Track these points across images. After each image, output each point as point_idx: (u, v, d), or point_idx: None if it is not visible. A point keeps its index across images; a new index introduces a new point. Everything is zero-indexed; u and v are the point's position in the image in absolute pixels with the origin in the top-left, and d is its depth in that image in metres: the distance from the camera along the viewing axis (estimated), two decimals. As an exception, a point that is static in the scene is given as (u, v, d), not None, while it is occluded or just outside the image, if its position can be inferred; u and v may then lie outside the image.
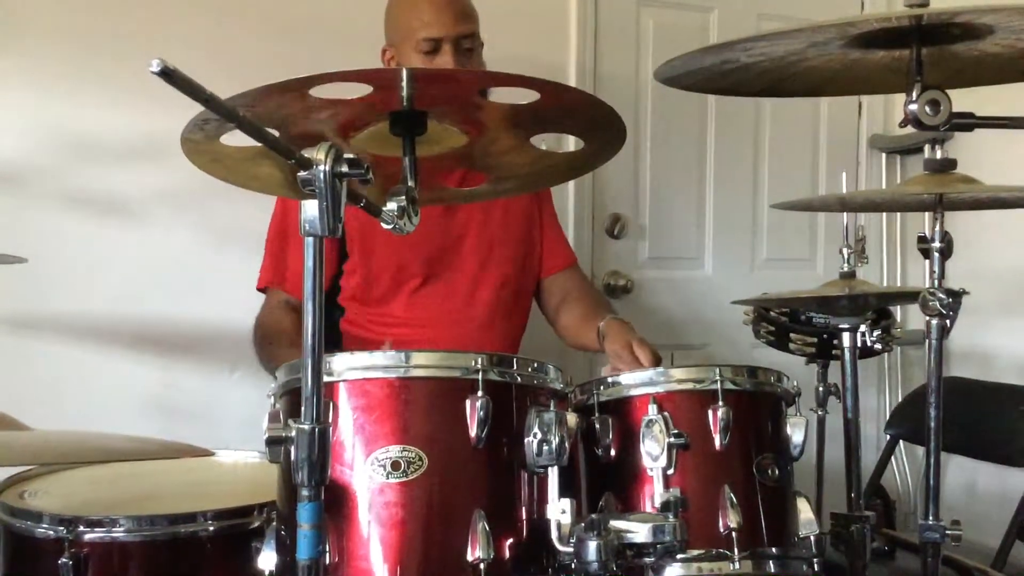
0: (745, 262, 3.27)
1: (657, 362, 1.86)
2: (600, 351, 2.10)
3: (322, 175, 1.01)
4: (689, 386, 1.56)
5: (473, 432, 1.30)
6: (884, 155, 3.43)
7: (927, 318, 1.53)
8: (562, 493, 1.33)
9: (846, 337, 1.85)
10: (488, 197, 2.04)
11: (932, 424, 1.55)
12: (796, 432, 1.59)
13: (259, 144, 0.99)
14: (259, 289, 2.22)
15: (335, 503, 1.27)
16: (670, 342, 2.33)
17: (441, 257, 2.19)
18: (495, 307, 2.22)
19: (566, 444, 1.34)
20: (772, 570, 1.51)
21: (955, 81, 1.38)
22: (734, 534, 1.46)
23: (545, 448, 1.33)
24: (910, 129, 1.35)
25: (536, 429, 1.33)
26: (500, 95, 1.31)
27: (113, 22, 2.44)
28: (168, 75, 0.79)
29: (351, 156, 1.04)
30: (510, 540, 1.31)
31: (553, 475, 1.33)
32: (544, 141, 1.47)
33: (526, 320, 2.34)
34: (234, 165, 1.37)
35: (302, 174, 1.02)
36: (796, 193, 2.09)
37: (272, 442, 1.11)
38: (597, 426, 1.55)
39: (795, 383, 1.65)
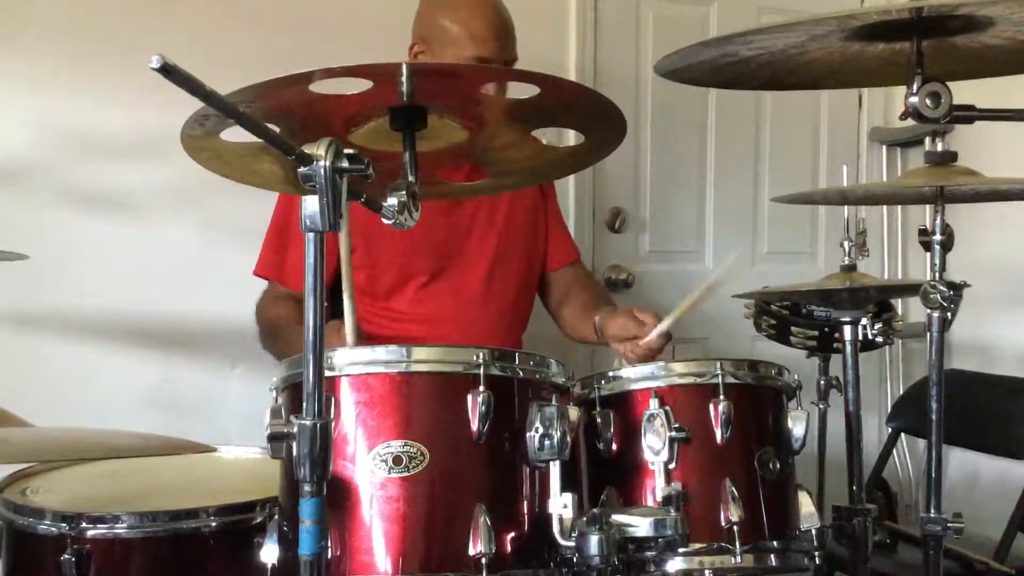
0: (746, 255, 3.27)
1: (656, 318, 1.88)
2: (600, 343, 2.11)
3: (322, 171, 1.02)
4: (690, 380, 1.56)
5: (475, 427, 1.30)
6: (885, 148, 3.43)
7: (928, 311, 1.53)
8: (564, 487, 1.33)
9: (847, 330, 1.85)
10: (489, 192, 2.04)
11: (933, 417, 1.55)
12: (797, 425, 1.59)
13: (259, 140, 0.99)
14: (255, 273, 2.22)
15: (337, 498, 1.27)
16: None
17: (447, 253, 2.19)
18: (501, 302, 2.23)
19: (567, 438, 1.34)
20: (774, 563, 1.52)
21: (956, 73, 1.38)
22: (735, 528, 1.47)
23: (547, 442, 1.33)
24: (911, 122, 1.35)
25: (538, 423, 1.33)
26: (500, 90, 1.31)
27: (113, 19, 2.44)
28: (168, 71, 0.79)
29: (351, 152, 1.04)
30: (512, 534, 1.31)
31: (555, 469, 1.33)
32: (544, 135, 1.47)
33: (529, 314, 2.34)
34: (234, 161, 1.37)
35: (302, 170, 1.02)
36: (797, 186, 2.10)
37: (274, 438, 1.11)
38: (598, 420, 1.55)
39: (796, 376, 1.65)
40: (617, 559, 1.29)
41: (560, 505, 1.32)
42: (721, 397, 1.52)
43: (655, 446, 1.49)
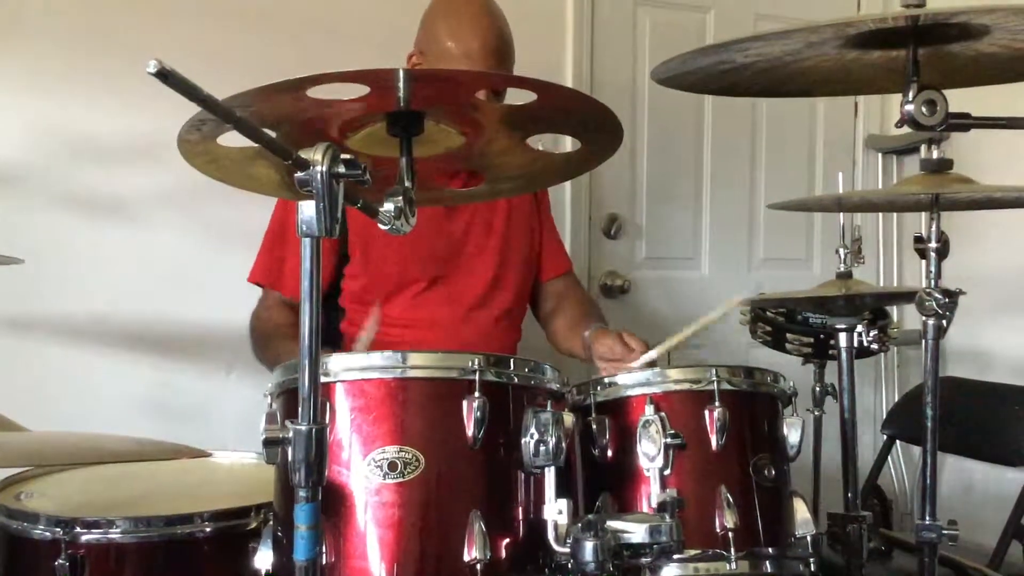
0: (742, 262, 3.27)
1: (646, 347, 1.87)
2: (585, 360, 2.10)
3: (319, 176, 1.01)
4: (686, 386, 1.56)
5: (470, 433, 1.30)
6: (880, 155, 3.44)
7: (923, 318, 1.53)
8: (559, 493, 1.32)
9: (843, 337, 1.85)
10: (485, 198, 2.04)
11: (929, 424, 1.55)
12: (792, 432, 1.59)
13: (256, 145, 0.99)
14: (250, 281, 2.21)
15: (332, 504, 1.26)
16: (667, 342, 2.33)
17: (445, 259, 2.18)
18: (499, 309, 2.22)
19: (563, 444, 1.33)
20: (769, 570, 1.51)
21: (951, 81, 1.39)
22: (731, 534, 1.46)
23: (542, 448, 1.33)
24: (906, 129, 1.35)
25: (533, 429, 1.33)
26: (497, 96, 1.31)
27: (111, 23, 2.44)
28: (165, 76, 0.79)
29: (348, 157, 1.04)
30: (507, 540, 1.31)
31: (550, 475, 1.33)
32: (541, 141, 1.47)
33: (522, 320, 2.34)
34: (231, 166, 1.37)
35: (299, 175, 1.02)
36: (793, 193, 2.09)
37: (269, 443, 1.11)
38: (594, 426, 1.55)
39: (791, 383, 1.65)
40: (612, 565, 1.28)
41: (555, 511, 1.31)
42: (716, 404, 1.52)
43: (650, 452, 1.49)
